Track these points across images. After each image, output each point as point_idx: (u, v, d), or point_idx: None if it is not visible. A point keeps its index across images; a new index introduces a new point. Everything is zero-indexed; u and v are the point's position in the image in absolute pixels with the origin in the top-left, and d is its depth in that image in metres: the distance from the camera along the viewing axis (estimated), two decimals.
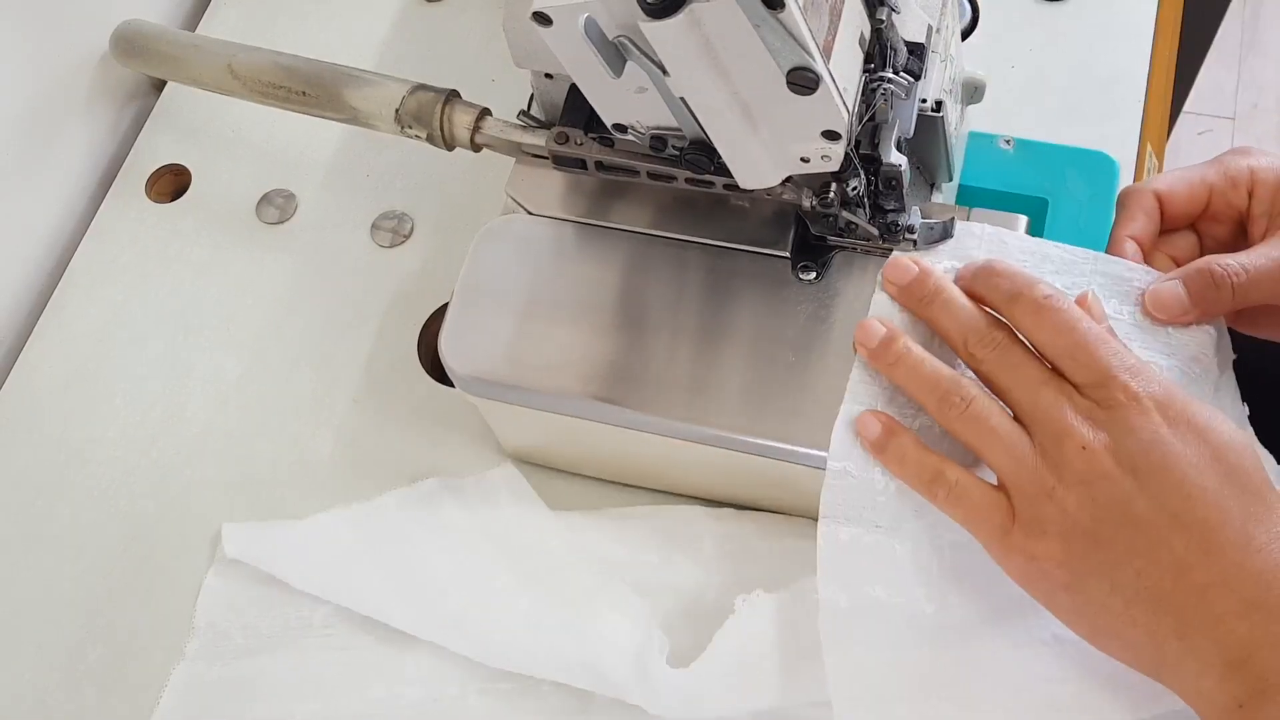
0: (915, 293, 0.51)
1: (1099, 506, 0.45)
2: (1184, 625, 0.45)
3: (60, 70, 0.75)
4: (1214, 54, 1.30)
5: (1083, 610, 0.47)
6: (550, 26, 0.45)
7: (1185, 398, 0.46)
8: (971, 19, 0.65)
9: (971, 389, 0.48)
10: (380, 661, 0.59)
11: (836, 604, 0.50)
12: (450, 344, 0.56)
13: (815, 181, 0.53)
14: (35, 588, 0.64)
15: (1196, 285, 0.51)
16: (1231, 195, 0.54)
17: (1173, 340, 0.51)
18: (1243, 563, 0.44)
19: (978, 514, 0.48)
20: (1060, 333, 0.48)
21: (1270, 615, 0.43)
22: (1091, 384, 0.47)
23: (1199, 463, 0.45)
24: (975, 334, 0.49)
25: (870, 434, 0.50)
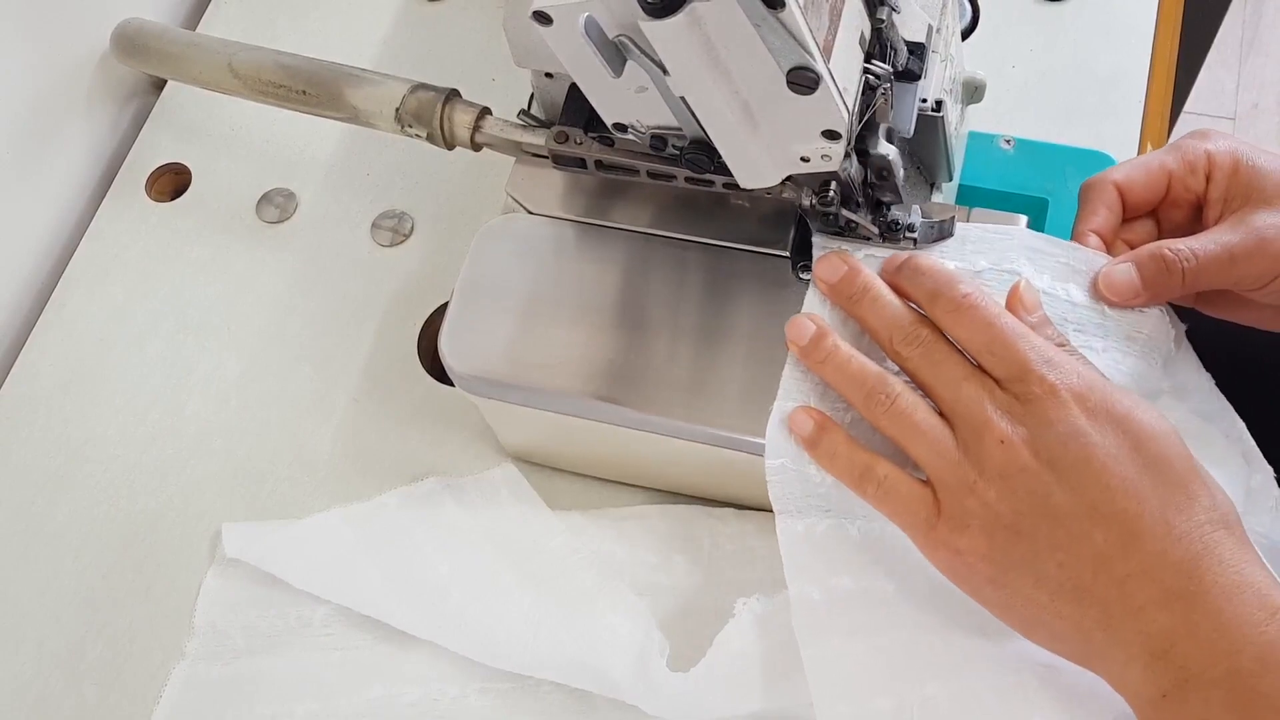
0: (844, 290, 0.52)
1: (1019, 500, 0.46)
2: (1107, 617, 0.45)
3: (60, 69, 0.75)
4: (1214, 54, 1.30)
5: (1009, 604, 0.47)
6: (550, 26, 0.45)
7: (1107, 389, 0.47)
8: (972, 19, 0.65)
9: (896, 386, 0.49)
10: (380, 661, 0.59)
11: (809, 598, 0.51)
12: (450, 343, 0.56)
13: (815, 181, 0.53)
14: (35, 586, 0.64)
15: (1149, 269, 0.52)
16: (1189, 180, 0.54)
17: (1126, 323, 0.52)
18: (1163, 552, 0.44)
19: (905, 509, 0.48)
20: (978, 329, 0.48)
21: (1191, 604, 0.43)
22: (1010, 378, 0.47)
23: (1118, 453, 0.45)
24: (900, 331, 0.50)
25: (802, 431, 0.50)
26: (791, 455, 0.51)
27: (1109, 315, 0.52)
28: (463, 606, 0.59)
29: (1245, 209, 0.52)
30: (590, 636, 0.56)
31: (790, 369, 0.52)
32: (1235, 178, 0.53)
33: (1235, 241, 0.51)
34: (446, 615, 0.59)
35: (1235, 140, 0.54)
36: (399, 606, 0.59)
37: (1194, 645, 0.43)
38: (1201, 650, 0.43)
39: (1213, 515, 0.45)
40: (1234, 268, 0.52)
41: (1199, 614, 0.43)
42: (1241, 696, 0.42)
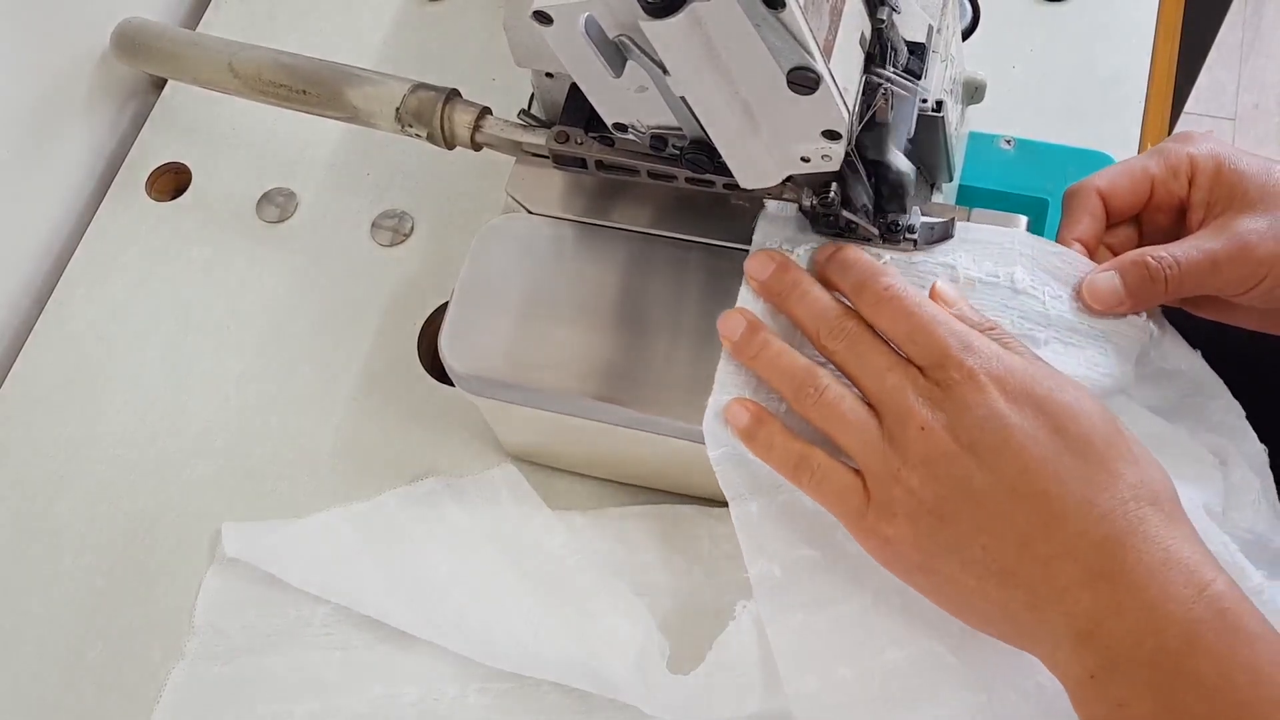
0: (774, 287, 0.52)
1: (941, 485, 0.46)
2: (1034, 598, 0.45)
3: (60, 68, 0.75)
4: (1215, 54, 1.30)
5: (940, 589, 0.47)
6: (551, 25, 0.45)
7: (1028, 371, 0.47)
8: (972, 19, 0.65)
9: (824, 378, 0.49)
10: (380, 661, 0.59)
11: (771, 576, 0.51)
12: (450, 343, 0.56)
13: (815, 181, 0.53)
14: (35, 585, 0.64)
15: (1132, 277, 0.52)
16: (1172, 184, 0.54)
17: (1103, 323, 0.52)
18: (1084, 532, 0.44)
19: (837, 498, 0.49)
20: (900, 318, 0.49)
21: (1115, 584, 0.43)
22: (931, 365, 0.48)
23: (1036, 434, 0.45)
24: (826, 325, 0.50)
25: (739, 423, 0.51)
26: (734, 443, 0.51)
27: (1086, 317, 0.52)
28: (462, 606, 0.59)
29: (1228, 213, 0.52)
30: (590, 637, 0.56)
31: (725, 363, 0.52)
32: (1218, 181, 0.53)
33: (1218, 248, 0.52)
34: (446, 615, 0.59)
35: (1217, 143, 0.54)
36: (399, 606, 0.59)
37: (1120, 626, 0.43)
38: (1127, 631, 0.43)
39: (1139, 492, 0.45)
40: (1217, 274, 0.52)
41: (1123, 593, 0.43)
42: (1167, 677, 0.42)
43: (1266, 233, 0.51)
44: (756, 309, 0.53)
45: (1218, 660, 0.42)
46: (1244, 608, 0.43)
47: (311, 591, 0.61)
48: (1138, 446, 0.46)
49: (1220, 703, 0.41)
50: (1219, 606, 0.42)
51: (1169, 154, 0.54)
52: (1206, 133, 0.55)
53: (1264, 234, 0.51)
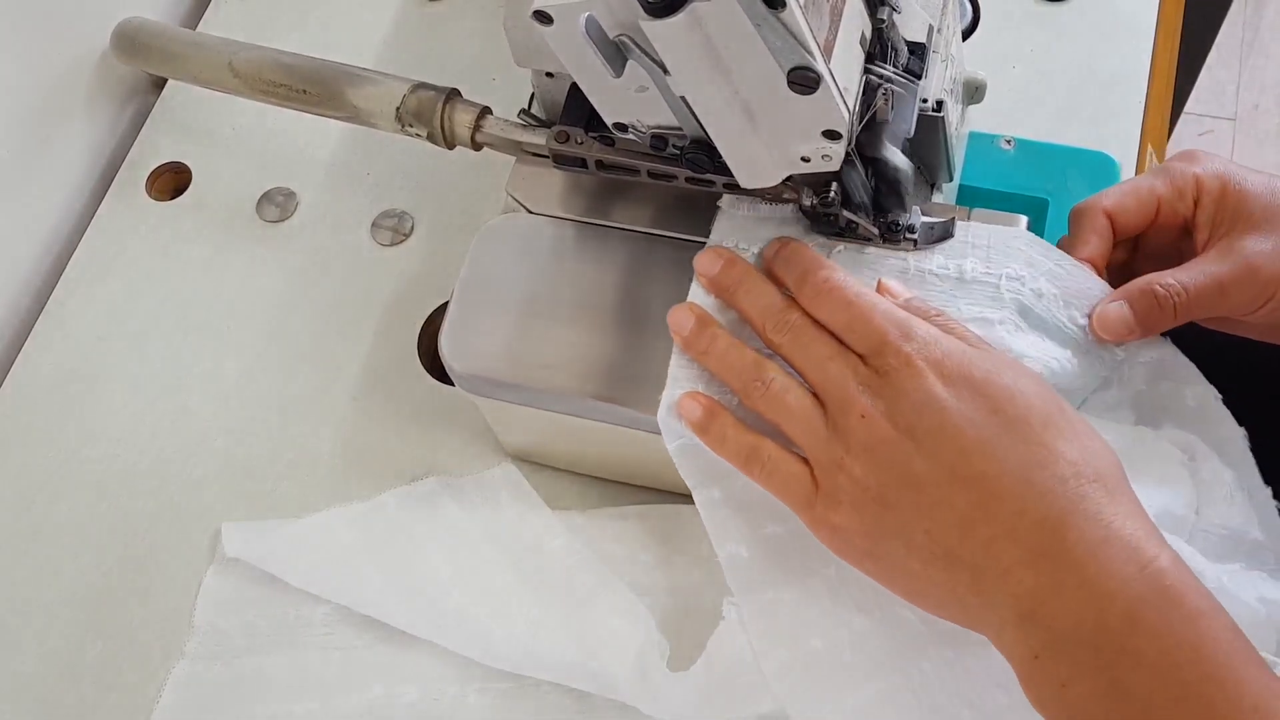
0: (722, 282, 0.53)
1: (883, 471, 0.46)
2: (978, 580, 0.45)
3: (60, 68, 0.75)
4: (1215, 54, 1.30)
5: (889, 573, 0.48)
6: (551, 25, 0.45)
7: (966, 355, 0.47)
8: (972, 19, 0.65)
9: (771, 371, 0.50)
10: (379, 661, 0.59)
11: (738, 557, 0.52)
12: (450, 343, 0.56)
13: (815, 181, 0.53)
14: (35, 585, 0.64)
15: (1141, 306, 0.52)
16: (1178, 205, 0.54)
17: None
18: (1024, 511, 0.44)
19: (787, 488, 0.49)
20: (839, 308, 0.49)
21: (1056, 563, 0.43)
22: (871, 353, 0.48)
23: (975, 417, 0.45)
24: (772, 319, 0.51)
25: (692, 416, 0.51)
26: (690, 434, 0.52)
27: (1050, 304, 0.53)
28: (462, 606, 0.59)
29: (1233, 234, 0.52)
30: (589, 637, 0.56)
31: (676, 358, 0.53)
32: (1223, 202, 0.53)
33: (1224, 271, 0.52)
34: (446, 615, 0.59)
35: (1223, 162, 0.54)
36: (398, 606, 0.59)
37: (1061, 605, 0.43)
38: (1069, 609, 0.43)
39: (1079, 469, 0.44)
40: (1225, 298, 0.52)
41: (1065, 573, 0.43)
42: (1109, 655, 0.42)
43: (1272, 254, 0.51)
44: (707, 304, 0.53)
45: (1159, 637, 0.42)
46: (1189, 583, 0.43)
47: (311, 591, 0.61)
48: (1080, 424, 0.46)
49: (1162, 681, 0.41)
50: (1161, 583, 0.42)
51: (1175, 174, 0.54)
52: (1211, 153, 0.55)
53: (1270, 255, 0.51)
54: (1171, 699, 0.41)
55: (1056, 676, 0.43)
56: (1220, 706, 0.41)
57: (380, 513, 0.62)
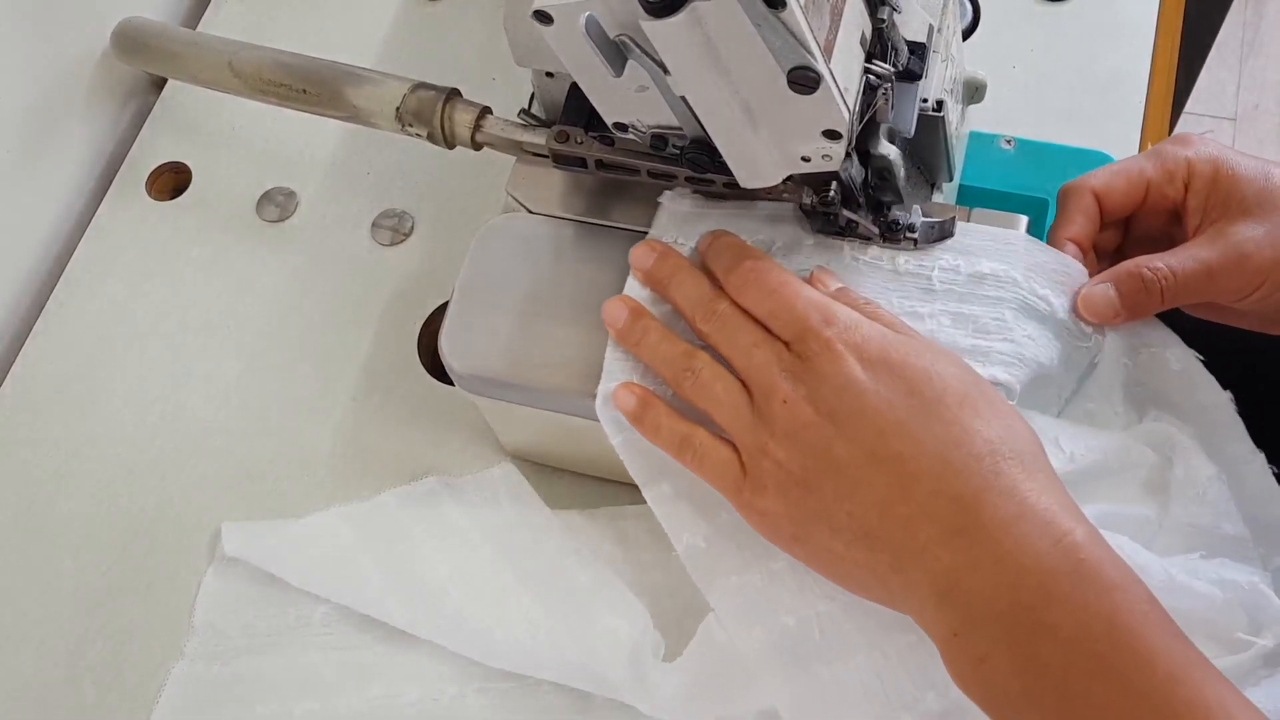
0: (655, 275, 0.54)
1: (805, 455, 0.47)
2: (897, 560, 0.45)
3: (60, 68, 0.75)
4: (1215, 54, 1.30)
5: (816, 557, 0.48)
6: (551, 25, 0.45)
7: (886, 339, 0.48)
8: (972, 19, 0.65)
9: (700, 360, 0.51)
10: (379, 661, 0.59)
11: (696, 548, 0.52)
12: (450, 342, 0.56)
13: (816, 180, 0.53)
14: (36, 585, 0.64)
15: (1128, 289, 0.52)
16: (1168, 189, 0.54)
17: None
18: (940, 491, 0.44)
19: (716, 475, 0.50)
20: (764, 297, 0.50)
21: (971, 540, 0.44)
22: (794, 339, 0.49)
23: (892, 399, 0.46)
24: (701, 309, 0.52)
25: (626, 407, 0.52)
26: (631, 428, 0.53)
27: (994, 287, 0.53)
28: (461, 606, 0.59)
29: (1224, 220, 0.52)
30: (588, 637, 0.56)
31: (611, 350, 0.54)
32: (1215, 187, 0.53)
33: (1214, 258, 0.52)
34: (445, 615, 0.59)
35: (1216, 146, 0.54)
36: (398, 606, 0.59)
37: (977, 581, 0.43)
38: (985, 586, 0.43)
39: (995, 447, 0.45)
40: (1213, 283, 0.52)
41: (980, 549, 0.43)
42: (1025, 630, 0.42)
43: (1263, 240, 0.51)
44: (642, 297, 0.54)
45: (1074, 611, 0.42)
46: (1103, 555, 0.43)
47: (311, 591, 0.61)
48: (1000, 404, 0.47)
49: (1076, 654, 0.41)
50: (1076, 557, 0.42)
51: (1166, 157, 0.54)
52: (1204, 135, 0.55)
53: (1260, 242, 0.51)
54: (1086, 671, 0.41)
55: (974, 652, 0.43)
56: (1134, 677, 0.41)
57: (379, 512, 0.62)
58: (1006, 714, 0.43)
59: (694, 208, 0.56)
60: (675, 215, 0.56)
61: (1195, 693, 0.40)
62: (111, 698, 0.60)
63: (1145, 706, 0.40)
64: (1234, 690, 0.41)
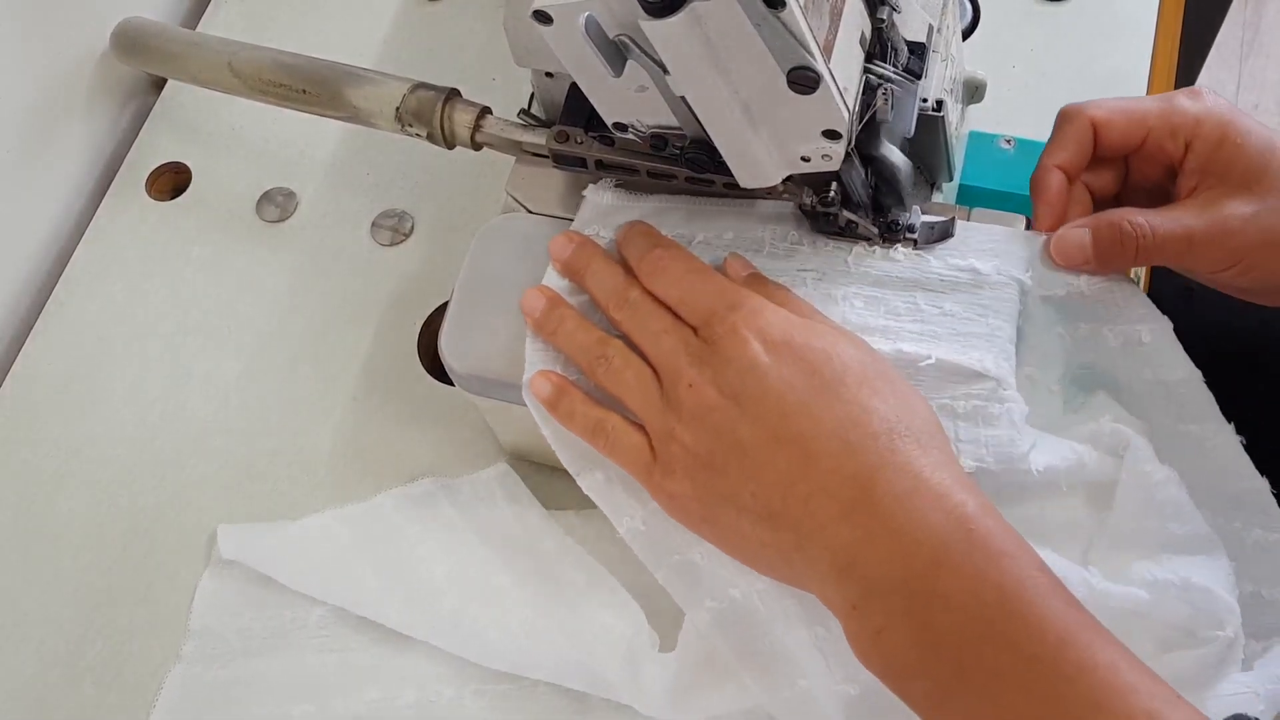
0: (573, 265, 0.54)
1: (710, 437, 0.48)
2: (799, 537, 0.46)
3: (60, 68, 0.75)
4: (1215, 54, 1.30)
5: (724, 538, 0.49)
6: (551, 25, 0.45)
7: (789, 322, 0.48)
8: (972, 19, 0.65)
9: (613, 348, 0.52)
10: (376, 663, 0.59)
11: (636, 530, 0.53)
12: (450, 342, 0.56)
13: (816, 180, 0.53)
14: (36, 584, 0.64)
15: (1103, 239, 0.52)
16: (1168, 142, 0.53)
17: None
18: (838, 468, 0.45)
19: (628, 459, 0.51)
20: (672, 283, 0.51)
21: (870, 514, 0.44)
22: (701, 324, 0.50)
23: (794, 380, 0.47)
24: (614, 297, 0.53)
25: (542, 394, 0.53)
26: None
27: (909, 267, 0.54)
28: (458, 607, 0.58)
29: (1218, 190, 0.52)
30: (584, 636, 0.56)
31: (531, 340, 0.54)
32: (1217, 153, 0.52)
33: (1198, 227, 0.51)
34: (441, 616, 0.58)
35: (1228, 109, 0.53)
36: (395, 607, 0.59)
37: (873, 554, 0.44)
38: (880, 559, 0.44)
39: (892, 425, 0.46)
40: (1191, 253, 0.51)
41: (876, 523, 0.44)
42: (919, 600, 0.43)
43: (1250, 220, 0.51)
44: (561, 287, 0.55)
45: (965, 579, 0.42)
46: (993, 526, 0.43)
47: (307, 593, 0.61)
48: (900, 383, 0.48)
49: (968, 620, 0.42)
50: (967, 527, 0.43)
51: (1174, 110, 0.53)
52: (1219, 96, 0.53)
53: (1247, 220, 0.51)
54: (978, 637, 0.42)
55: (872, 625, 0.44)
56: (1024, 641, 0.41)
57: (375, 514, 0.62)
58: (904, 684, 0.44)
59: (617, 200, 0.57)
60: (599, 207, 0.57)
61: (1085, 654, 0.41)
62: (111, 698, 0.60)
63: (1036, 670, 0.41)
64: (1127, 652, 0.42)
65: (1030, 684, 0.41)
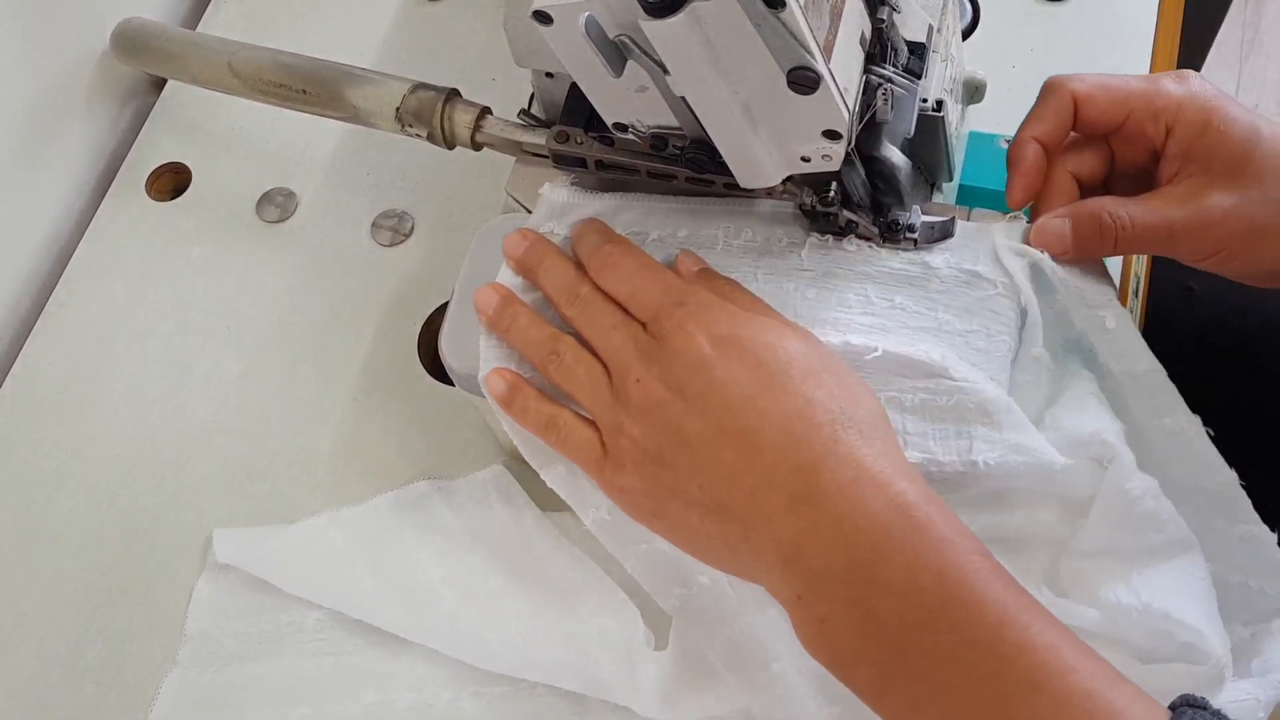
0: (526, 263, 0.55)
1: (658, 432, 0.48)
2: (746, 529, 0.46)
3: (60, 68, 0.75)
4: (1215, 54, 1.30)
5: (674, 532, 0.49)
6: (551, 25, 0.45)
7: (735, 317, 0.49)
8: (972, 18, 0.65)
9: (565, 344, 0.52)
10: (373, 666, 0.59)
11: (602, 520, 0.53)
12: (451, 343, 0.56)
13: (816, 180, 0.53)
14: (36, 585, 0.64)
15: (1083, 229, 0.52)
16: (1148, 125, 0.53)
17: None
18: (783, 460, 0.45)
19: (579, 454, 0.51)
20: (622, 280, 0.52)
21: (812, 505, 0.45)
22: (649, 320, 0.50)
23: (740, 374, 0.47)
24: (566, 293, 0.53)
25: (496, 391, 0.53)
26: None
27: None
28: (454, 609, 0.58)
29: (1200, 178, 0.51)
30: (580, 638, 0.56)
31: (485, 337, 0.55)
32: (1200, 140, 0.52)
33: (1179, 218, 0.51)
34: (438, 619, 0.58)
35: (1214, 95, 0.52)
36: (390, 610, 0.59)
37: (818, 544, 0.44)
38: (824, 548, 0.44)
39: (835, 416, 0.46)
40: (1172, 243, 0.51)
41: (820, 513, 0.44)
42: (861, 588, 0.43)
43: (1230, 210, 0.50)
44: (514, 284, 0.55)
45: (905, 565, 0.43)
46: (933, 513, 0.44)
47: (303, 596, 0.61)
48: (846, 376, 0.48)
49: (908, 605, 0.42)
50: (907, 514, 0.43)
51: (1157, 94, 0.53)
52: (1205, 81, 0.53)
53: (1228, 211, 0.50)
54: (918, 622, 0.42)
55: (817, 614, 0.44)
56: (963, 625, 0.41)
57: (370, 517, 0.62)
58: (849, 672, 0.44)
59: (572, 198, 0.58)
60: (554, 205, 0.58)
61: (1024, 635, 0.41)
62: (111, 698, 0.60)
63: (975, 652, 0.41)
64: (1067, 633, 0.42)
65: (969, 666, 0.41)
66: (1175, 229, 0.51)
